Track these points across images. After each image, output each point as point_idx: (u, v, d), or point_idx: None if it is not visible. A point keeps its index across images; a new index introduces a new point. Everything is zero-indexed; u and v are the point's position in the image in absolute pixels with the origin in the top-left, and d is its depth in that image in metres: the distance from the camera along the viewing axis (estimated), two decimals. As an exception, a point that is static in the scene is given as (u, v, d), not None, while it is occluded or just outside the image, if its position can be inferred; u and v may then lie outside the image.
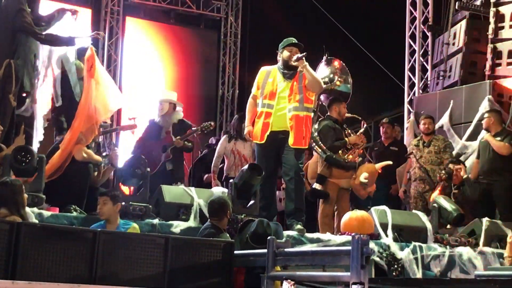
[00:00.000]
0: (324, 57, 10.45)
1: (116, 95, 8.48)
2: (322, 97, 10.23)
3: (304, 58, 8.68)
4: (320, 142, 9.78)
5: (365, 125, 10.29)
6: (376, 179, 9.93)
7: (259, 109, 8.87)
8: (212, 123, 11.25)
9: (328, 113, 10.07)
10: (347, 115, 10.13)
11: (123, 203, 7.57)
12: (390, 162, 9.99)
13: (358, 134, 10.02)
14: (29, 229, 5.75)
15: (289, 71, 8.86)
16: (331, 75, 10.31)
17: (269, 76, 8.93)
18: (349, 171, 9.80)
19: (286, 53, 8.87)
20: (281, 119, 8.75)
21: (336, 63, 10.43)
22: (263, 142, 8.76)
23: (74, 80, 8.75)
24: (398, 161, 11.95)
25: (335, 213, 9.77)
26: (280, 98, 8.80)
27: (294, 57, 8.74)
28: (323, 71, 10.28)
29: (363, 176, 9.66)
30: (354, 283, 5.00)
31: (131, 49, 17.52)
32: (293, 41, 8.95)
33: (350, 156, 9.78)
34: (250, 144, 11.10)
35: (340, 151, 9.79)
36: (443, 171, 10.53)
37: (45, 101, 8.83)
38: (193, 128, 10.87)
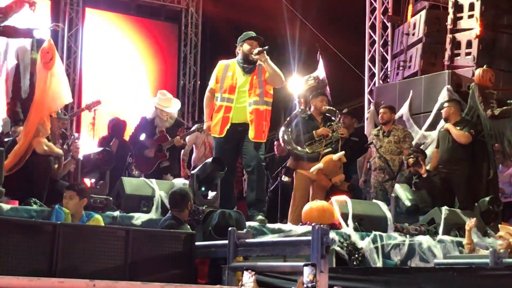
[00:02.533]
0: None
1: (67, 89, 8.41)
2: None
3: (265, 51, 8.67)
4: (285, 137, 9.92)
5: (339, 116, 10.31)
6: (339, 168, 9.95)
7: (218, 103, 8.81)
8: None
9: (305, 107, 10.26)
10: (325, 107, 10.17)
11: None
12: (342, 153, 9.96)
13: (327, 125, 10.06)
14: (-12, 223, 5.71)
15: (249, 65, 8.81)
16: None
17: (228, 70, 8.87)
18: (313, 162, 9.85)
19: (246, 47, 8.81)
20: (241, 112, 8.73)
21: None
22: (222, 135, 8.73)
23: (26, 75, 8.68)
24: (359, 151, 12.03)
25: None
26: (240, 92, 8.76)
27: (255, 50, 8.70)
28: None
29: (313, 168, 9.71)
30: (306, 264, 5.02)
31: (91, 40, 17.39)
32: (253, 35, 8.89)
33: (313, 148, 9.82)
34: None
35: (307, 144, 9.85)
36: (411, 156, 10.62)
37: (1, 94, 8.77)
38: (195, 126, 10.89)
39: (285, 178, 10.00)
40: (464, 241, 8.74)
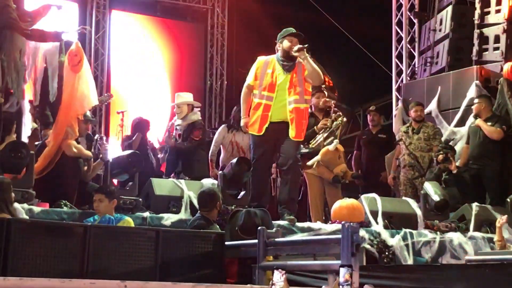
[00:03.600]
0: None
1: (94, 91, 8.47)
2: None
3: (305, 49, 8.63)
4: None
5: (333, 105, 10.18)
6: (339, 158, 9.79)
7: (256, 100, 8.71)
8: None
9: None
10: (322, 102, 10.11)
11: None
12: (336, 141, 9.79)
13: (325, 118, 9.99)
14: (19, 225, 5.76)
15: (289, 63, 8.70)
16: None
17: (267, 67, 8.75)
18: None
19: (286, 43, 8.69)
20: (281, 111, 8.64)
21: None
22: (261, 134, 8.64)
23: (55, 79, 8.72)
24: (387, 148, 11.99)
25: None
26: (280, 90, 8.66)
27: (296, 47, 8.62)
28: None
29: (311, 161, 9.66)
30: (342, 266, 5.01)
31: (118, 42, 17.46)
32: (293, 31, 8.77)
33: (315, 143, 9.76)
34: (248, 136, 11.10)
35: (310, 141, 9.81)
36: (440, 152, 10.55)
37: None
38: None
39: None
40: (495, 238, 8.67)
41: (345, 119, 9.97)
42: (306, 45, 8.59)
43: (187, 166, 10.26)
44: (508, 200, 10.08)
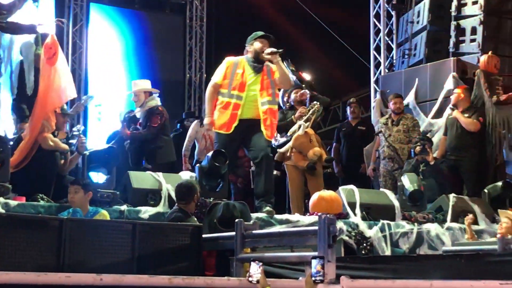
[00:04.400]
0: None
1: (71, 84, 8.42)
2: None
3: (278, 53, 8.72)
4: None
5: (308, 94, 10.25)
6: (311, 142, 9.80)
7: (225, 99, 8.84)
8: None
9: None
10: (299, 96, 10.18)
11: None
12: (306, 124, 9.83)
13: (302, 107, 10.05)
14: (-5, 219, 5.72)
15: (259, 64, 8.87)
16: None
17: (237, 67, 8.91)
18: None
19: (258, 44, 8.85)
20: (251, 109, 8.81)
21: None
22: (229, 132, 8.77)
23: (31, 71, 8.67)
24: (366, 140, 12.03)
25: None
26: (251, 90, 8.82)
27: (268, 50, 8.73)
28: None
29: (283, 148, 9.72)
30: (314, 257, 5.01)
31: (96, 35, 17.38)
32: (264, 34, 8.93)
33: (292, 131, 9.80)
34: None
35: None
36: (418, 144, 10.59)
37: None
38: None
39: (274, 172, 10.03)
40: (466, 236, 8.75)
41: (321, 106, 9.99)
42: (281, 50, 8.76)
43: (150, 154, 10.17)
44: (486, 191, 10.14)
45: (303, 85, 10.60)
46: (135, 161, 10.25)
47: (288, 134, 9.82)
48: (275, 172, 9.95)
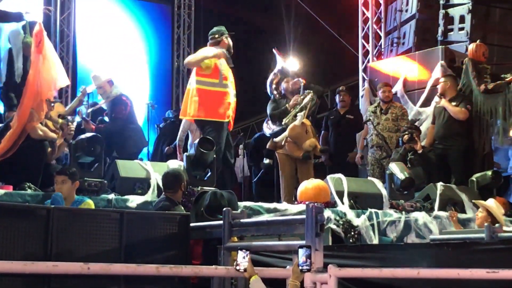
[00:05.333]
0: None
1: (62, 72, 8.37)
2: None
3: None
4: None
5: (301, 83, 10.27)
6: (307, 133, 9.83)
7: (221, 89, 9.25)
8: None
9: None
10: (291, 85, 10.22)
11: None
12: (302, 114, 9.90)
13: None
14: (-18, 208, 5.70)
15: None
16: None
17: (220, 58, 9.32)
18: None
19: (230, 41, 9.49)
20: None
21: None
22: (226, 120, 9.25)
23: (19, 59, 8.63)
24: (355, 129, 12.04)
25: None
26: (230, 82, 9.36)
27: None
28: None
29: (279, 137, 9.74)
30: (301, 247, 5.02)
31: (84, 24, 17.30)
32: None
33: (287, 120, 9.81)
34: None
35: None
36: (406, 133, 10.60)
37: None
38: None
39: (266, 161, 10.05)
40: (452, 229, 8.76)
41: (314, 95, 9.99)
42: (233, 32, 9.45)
43: (119, 147, 10.06)
44: (474, 179, 10.17)
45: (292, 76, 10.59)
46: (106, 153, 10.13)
47: (283, 123, 9.81)
48: (267, 160, 9.99)
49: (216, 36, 9.45)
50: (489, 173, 10.20)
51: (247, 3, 17.79)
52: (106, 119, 10.39)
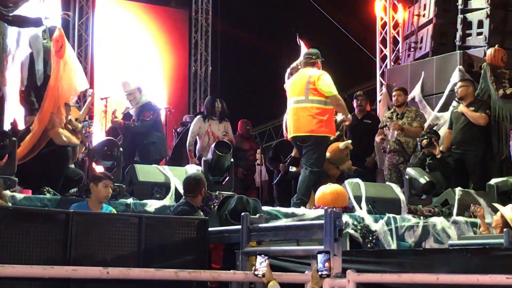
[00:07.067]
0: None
1: (82, 76, 8.41)
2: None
3: None
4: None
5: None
6: (346, 156, 9.94)
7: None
8: None
9: None
10: None
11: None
12: (349, 141, 10.03)
13: None
14: (1, 212, 5.71)
15: None
16: None
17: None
18: None
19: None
20: None
21: None
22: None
23: (39, 62, 8.67)
24: (372, 134, 12.01)
25: None
26: None
27: None
28: None
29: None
30: (319, 252, 5.02)
31: (101, 28, 17.36)
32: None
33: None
34: (224, 125, 11.32)
35: None
36: (424, 137, 10.57)
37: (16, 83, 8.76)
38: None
39: (292, 168, 10.08)
40: (480, 229, 8.70)
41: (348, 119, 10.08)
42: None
43: (142, 150, 10.29)
44: (493, 184, 10.11)
45: None
46: (126, 158, 10.07)
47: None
48: (293, 168, 10.02)
49: (314, 57, 9.68)
50: (511, 179, 10.13)
51: (262, 7, 17.81)
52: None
